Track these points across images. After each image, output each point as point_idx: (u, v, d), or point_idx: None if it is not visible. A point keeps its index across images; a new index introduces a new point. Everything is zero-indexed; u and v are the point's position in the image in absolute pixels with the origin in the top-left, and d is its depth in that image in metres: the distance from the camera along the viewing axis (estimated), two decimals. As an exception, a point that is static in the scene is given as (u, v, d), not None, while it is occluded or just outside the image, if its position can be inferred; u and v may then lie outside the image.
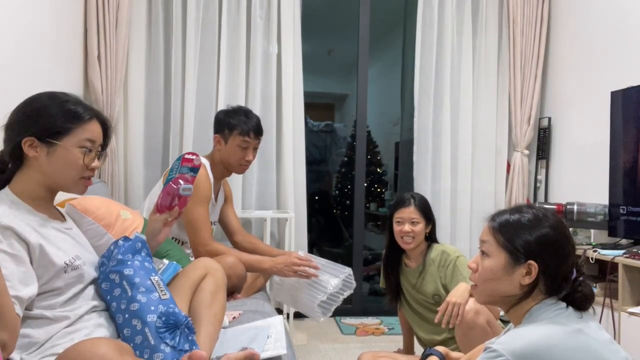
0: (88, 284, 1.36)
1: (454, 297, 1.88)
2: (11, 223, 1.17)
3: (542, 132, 3.60)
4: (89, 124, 1.29)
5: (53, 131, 1.24)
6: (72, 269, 1.28)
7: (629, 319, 2.34)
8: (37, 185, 1.27)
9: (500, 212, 1.23)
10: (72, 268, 1.28)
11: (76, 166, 1.27)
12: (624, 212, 2.66)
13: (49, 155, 1.24)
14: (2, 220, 1.15)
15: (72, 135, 1.25)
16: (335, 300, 2.18)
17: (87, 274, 1.35)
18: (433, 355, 1.49)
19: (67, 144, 1.25)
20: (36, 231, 1.23)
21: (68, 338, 1.21)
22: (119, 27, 3.04)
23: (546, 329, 1.08)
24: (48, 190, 1.30)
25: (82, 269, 1.33)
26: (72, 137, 1.25)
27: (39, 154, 1.24)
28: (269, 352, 1.54)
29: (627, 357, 1.11)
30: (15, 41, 2.11)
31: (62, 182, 1.29)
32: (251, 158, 2.39)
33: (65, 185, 1.30)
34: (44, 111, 1.25)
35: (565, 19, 3.50)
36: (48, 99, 1.28)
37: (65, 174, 1.27)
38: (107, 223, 1.75)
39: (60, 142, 1.24)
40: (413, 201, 2.19)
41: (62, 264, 1.25)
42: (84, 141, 1.27)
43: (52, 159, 1.25)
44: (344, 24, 4.57)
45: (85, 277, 1.34)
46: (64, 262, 1.25)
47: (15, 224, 1.17)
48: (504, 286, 1.17)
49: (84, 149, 1.27)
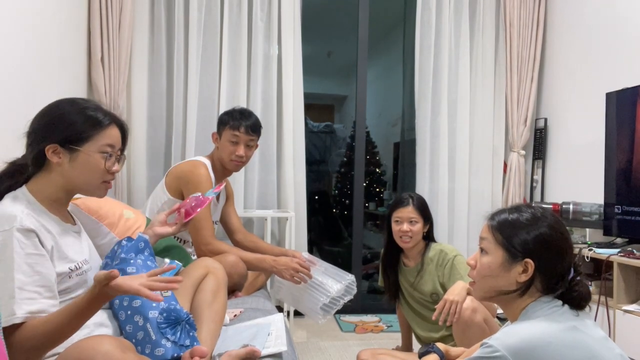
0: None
1: (452, 295, 1.89)
2: (32, 226, 1.20)
3: (539, 133, 3.63)
4: (109, 129, 1.31)
5: (75, 138, 1.27)
6: (77, 275, 1.30)
7: (623, 317, 2.37)
8: (58, 189, 1.30)
9: (500, 211, 1.25)
10: (77, 274, 1.30)
11: (98, 171, 1.30)
12: (618, 211, 2.68)
13: (71, 161, 1.27)
14: (24, 224, 1.18)
15: (93, 141, 1.28)
16: (336, 303, 2.19)
17: (90, 279, 1.36)
18: (433, 352, 1.51)
19: (88, 150, 1.28)
20: (50, 233, 1.25)
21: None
22: (122, 30, 3.07)
23: (542, 326, 1.09)
24: (68, 193, 1.33)
25: (87, 275, 1.35)
26: (94, 143, 1.28)
27: (62, 159, 1.27)
28: (270, 349, 1.56)
29: (622, 354, 1.11)
30: (21, 44, 2.13)
31: (84, 187, 1.32)
32: (241, 153, 2.37)
33: (87, 190, 1.33)
34: (65, 118, 1.28)
35: (560, 22, 3.53)
36: (69, 105, 1.31)
37: (88, 178, 1.30)
38: (110, 222, 1.78)
39: (82, 148, 1.27)
40: (411, 201, 2.20)
41: (67, 269, 1.27)
42: (104, 147, 1.30)
43: (75, 164, 1.28)
44: (343, 27, 4.59)
45: (89, 282, 1.36)
46: (69, 268, 1.28)
47: (36, 227, 1.20)
48: (501, 283, 1.19)
49: (105, 154, 1.30)
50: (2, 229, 1.16)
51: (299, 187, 3.43)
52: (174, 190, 2.33)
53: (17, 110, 1.97)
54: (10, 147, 1.34)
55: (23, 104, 2.05)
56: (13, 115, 1.94)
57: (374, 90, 5.29)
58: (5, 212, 1.19)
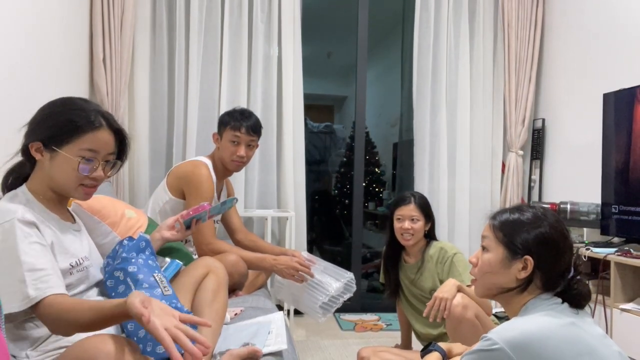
0: (92, 285, 1.39)
1: (441, 293, 1.91)
2: (33, 218, 1.21)
3: (536, 133, 3.65)
4: (95, 133, 1.28)
5: (56, 138, 1.26)
6: (78, 271, 1.31)
7: (620, 315, 2.39)
8: (46, 187, 1.31)
9: (501, 211, 1.28)
10: (78, 270, 1.31)
11: (72, 174, 1.28)
12: (615, 211, 2.70)
13: (51, 160, 1.27)
14: (25, 217, 1.19)
15: (73, 144, 1.27)
16: (336, 302, 2.21)
17: (92, 275, 1.38)
18: (435, 351, 1.53)
19: (68, 152, 1.27)
20: (50, 229, 1.27)
21: None
22: (124, 31, 3.09)
23: (541, 320, 1.11)
24: (55, 192, 1.33)
25: (88, 271, 1.36)
26: (74, 146, 1.27)
27: (43, 158, 1.28)
28: (270, 347, 1.57)
29: (620, 352, 1.12)
30: (23, 44, 2.15)
31: (62, 188, 1.31)
32: (242, 154, 2.39)
33: (65, 191, 1.32)
34: (52, 118, 1.28)
35: (558, 23, 3.54)
36: (61, 105, 1.31)
37: (64, 180, 1.29)
38: (112, 222, 1.78)
39: (61, 149, 1.26)
40: (413, 199, 2.22)
41: (68, 265, 1.28)
42: (84, 151, 1.27)
43: (54, 164, 1.27)
44: (343, 28, 4.59)
45: (90, 278, 1.37)
46: (69, 263, 1.28)
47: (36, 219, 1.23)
48: (501, 279, 1.22)
49: (82, 158, 1.27)
50: (4, 220, 1.18)
51: (299, 187, 3.45)
52: (176, 190, 2.35)
53: (19, 110, 1.97)
54: (13, 148, 1.34)
55: (25, 105, 2.05)
56: (15, 116, 1.95)
57: (373, 91, 5.30)
58: (4, 207, 1.21)
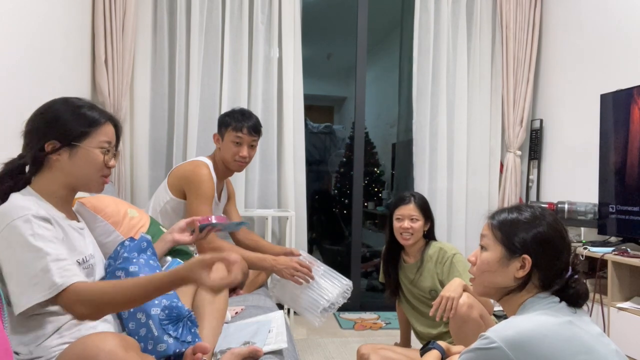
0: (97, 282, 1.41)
1: (448, 292, 1.92)
2: (47, 214, 1.25)
3: (534, 134, 3.67)
4: (105, 126, 1.37)
5: (74, 134, 1.32)
6: (84, 268, 1.33)
7: (618, 314, 2.41)
8: (60, 185, 1.34)
9: (500, 210, 1.29)
10: (84, 267, 1.33)
11: (97, 164, 1.35)
12: (613, 210, 2.71)
13: (71, 157, 1.32)
14: (39, 212, 1.23)
15: (91, 137, 1.34)
16: (332, 307, 2.23)
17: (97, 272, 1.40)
18: (435, 349, 1.54)
19: (88, 146, 1.34)
20: (60, 226, 1.30)
21: (75, 329, 1.25)
22: (126, 33, 3.11)
23: (538, 319, 1.11)
24: (70, 189, 1.37)
25: (94, 268, 1.38)
26: (92, 139, 1.34)
27: (61, 156, 1.32)
28: (271, 345, 1.58)
29: (617, 350, 1.12)
30: (26, 46, 2.16)
31: (84, 181, 1.37)
32: (245, 154, 2.41)
33: (86, 184, 1.38)
34: (63, 116, 1.33)
35: (556, 24, 3.56)
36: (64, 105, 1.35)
37: (88, 173, 1.35)
38: (115, 221, 1.80)
39: (81, 144, 1.33)
40: (413, 199, 2.23)
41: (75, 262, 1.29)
42: (102, 142, 1.35)
43: (75, 159, 1.33)
44: (343, 30, 4.61)
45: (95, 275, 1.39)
46: (77, 260, 1.31)
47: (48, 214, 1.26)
48: (499, 278, 1.22)
49: (103, 149, 1.36)
50: (18, 216, 1.20)
51: (299, 187, 3.47)
52: (177, 190, 2.37)
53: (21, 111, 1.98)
54: (15, 150, 1.37)
55: (27, 106, 2.06)
56: (17, 116, 1.96)
57: (372, 91, 5.33)
58: (17, 204, 1.23)
